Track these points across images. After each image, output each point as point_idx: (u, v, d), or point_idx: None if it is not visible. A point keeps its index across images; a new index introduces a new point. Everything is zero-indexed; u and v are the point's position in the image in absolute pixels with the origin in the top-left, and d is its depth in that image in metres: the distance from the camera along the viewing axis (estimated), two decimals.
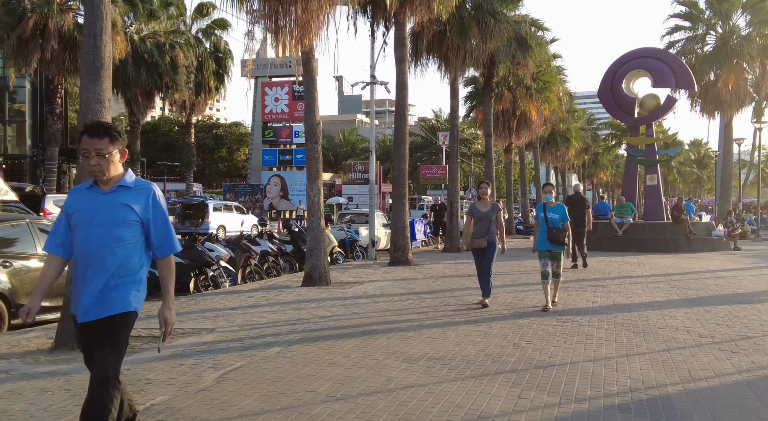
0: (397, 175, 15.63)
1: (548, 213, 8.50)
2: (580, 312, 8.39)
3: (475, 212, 8.76)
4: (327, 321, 7.58)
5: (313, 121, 11.14)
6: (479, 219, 8.68)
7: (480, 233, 8.63)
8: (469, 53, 19.47)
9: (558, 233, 8.42)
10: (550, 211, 8.53)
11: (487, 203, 8.84)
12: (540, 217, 8.61)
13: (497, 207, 8.83)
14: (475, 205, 8.92)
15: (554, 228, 8.44)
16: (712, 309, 8.70)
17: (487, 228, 8.61)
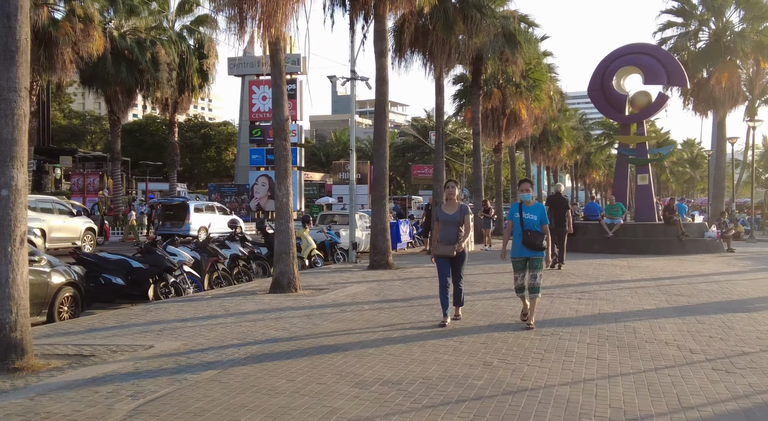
0: (377, 175, 14.95)
1: (525, 214, 7.43)
2: (561, 323, 7.73)
3: (441, 216, 7.70)
4: (283, 335, 6.88)
5: (281, 117, 10.44)
6: (446, 223, 7.61)
7: (448, 239, 7.55)
8: (455, 48, 18.81)
9: (535, 237, 7.33)
10: (527, 211, 7.47)
11: (454, 205, 7.75)
12: (514, 218, 7.51)
13: (466, 209, 7.71)
14: (441, 208, 7.85)
15: (530, 231, 7.36)
16: (704, 319, 8.06)
17: (456, 233, 7.55)
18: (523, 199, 7.61)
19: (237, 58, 46.30)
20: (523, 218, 7.41)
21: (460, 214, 7.60)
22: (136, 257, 10.65)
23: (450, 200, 7.82)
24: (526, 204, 7.55)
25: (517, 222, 7.48)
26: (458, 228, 7.53)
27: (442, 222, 7.65)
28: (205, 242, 12.10)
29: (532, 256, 7.43)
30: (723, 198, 28.87)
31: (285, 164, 10.48)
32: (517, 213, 7.51)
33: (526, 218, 7.41)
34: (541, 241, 7.36)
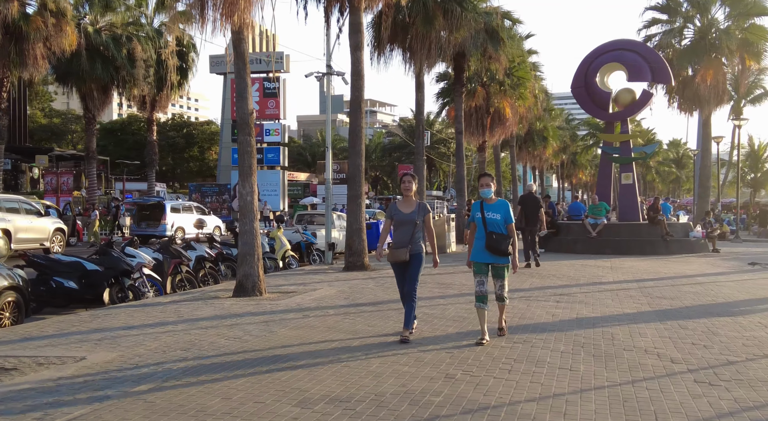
0: (352, 173, 14.42)
1: (487, 213, 6.52)
2: (536, 328, 7.24)
3: (396, 214, 6.71)
4: (233, 345, 6.33)
5: (245, 110, 9.88)
6: (400, 223, 6.65)
7: (401, 242, 6.60)
8: (435, 43, 18.35)
9: (500, 240, 6.41)
10: (490, 210, 6.55)
11: (411, 202, 6.75)
12: (476, 218, 6.60)
13: (425, 208, 6.74)
14: (395, 206, 6.81)
15: (494, 233, 6.44)
16: (687, 324, 7.60)
17: (411, 235, 6.56)
18: (484, 197, 6.67)
19: (219, 55, 45.55)
20: (486, 218, 6.50)
21: (418, 213, 6.66)
22: (92, 258, 10.06)
23: (407, 197, 6.78)
24: (487, 202, 6.64)
25: (479, 223, 6.57)
26: (414, 229, 6.58)
27: (396, 222, 6.70)
28: (167, 243, 11.50)
29: (495, 262, 6.50)
30: (708, 198, 28.59)
31: (249, 161, 9.92)
32: (478, 213, 6.59)
33: (489, 217, 6.49)
34: (506, 245, 6.42)
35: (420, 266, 6.70)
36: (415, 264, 6.66)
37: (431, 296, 9.82)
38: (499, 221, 6.53)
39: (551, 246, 19.23)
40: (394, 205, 6.92)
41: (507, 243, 6.45)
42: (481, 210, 6.61)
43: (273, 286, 10.98)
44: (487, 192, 6.66)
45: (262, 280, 9.98)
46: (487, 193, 6.65)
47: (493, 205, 6.64)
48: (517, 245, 6.64)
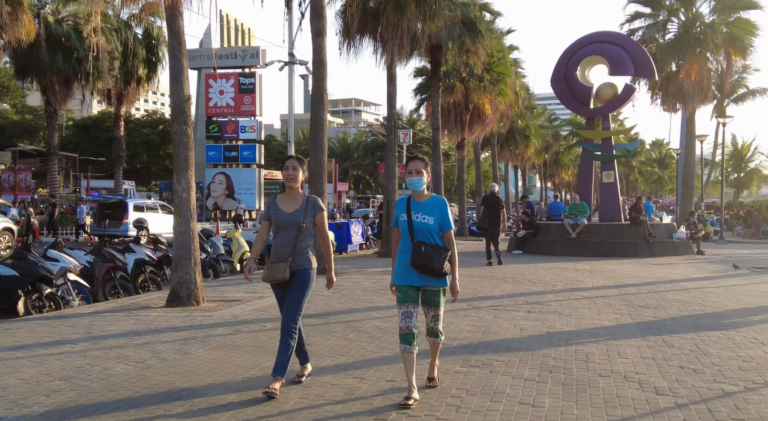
0: (313, 170, 13.33)
1: (415, 214, 4.56)
2: (500, 346, 6.22)
3: (275, 214, 4.78)
4: (127, 374, 5.24)
5: (181, 96, 8.78)
6: (280, 227, 4.74)
7: (280, 253, 4.70)
8: (407, 33, 17.26)
9: (431, 254, 4.46)
10: (420, 210, 4.57)
11: (297, 197, 4.80)
12: (400, 222, 4.66)
13: (316, 204, 4.82)
14: (274, 202, 4.86)
15: (424, 244, 4.50)
16: (673, 339, 6.63)
17: (293, 243, 4.69)
18: (413, 191, 4.64)
19: (192, 50, 44.20)
20: (413, 222, 4.54)
21: (305, 212, 4.72)
22: (6, 263, 8.91)
23: (291, 189, 4.80)
24: (416, 198, 4.64)
25: (404, 229, 4.61)
26: (299, 235, 4.69)
27: (275, 225, 4.76)
28: (99, 246, 10.35)
29: (425, 285, 4.56)
30: (692, 198, 27.85)
31: (185, 153, 8.82)
32: (403, 214, 4.61)
33: (418, 221, 4.54)
34: (440, 261, 4.45)
35: (306, 287, 4.72)
36: (298, 285, 4.68)
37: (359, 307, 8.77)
38: (432, 227, 4.53)
39: (529, 248, 18.33)
40: (272, 201, 4.88)
41: (442, 258, 4.46)
42: (407, 210, 4.59)
43: (217, 293, 9.91)
44: (417, 183, 4.56)
45: (200, 287, 8.88)
46: (416, 185, 4.57)
47: (425, 204, 4.59)
48: (457, 260, 4.62)
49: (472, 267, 14.31)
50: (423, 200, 4.64)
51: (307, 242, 4.77)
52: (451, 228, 4.62)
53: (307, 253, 4.75)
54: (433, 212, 4.58)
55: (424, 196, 4.65)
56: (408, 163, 4.68)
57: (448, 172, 59.30)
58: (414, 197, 4.67)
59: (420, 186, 4.60)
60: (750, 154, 41.94)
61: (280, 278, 4.66)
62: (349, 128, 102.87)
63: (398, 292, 4.62)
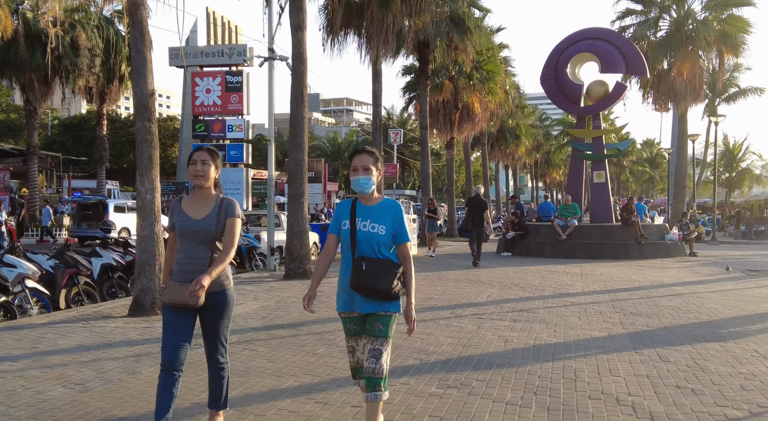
0: (293, 169, 12.81)
1: (361, 222, 3.62)
2: (481, 362, 5.71)
3: (180, 221, 3.78)
4: (60, 400, 4.66)
5: (144, 91, 8.23)
6: (187, 237, 3.76)
7: (189, 270, 3.71)
8: (393, 29, 16.79)
9: (376, 272, 3.52)
10: (366, 216, 3.63)
11: (207, 201, 3.82)
12: (342, 230, 3.69)
13: (232, 207, 3.81)
14: (179, 206, 3.86)
15: (367, 260, 3.55)
16: (668, 353, 6.15)
17: (207, 257, 3.73)
18: (359, 192, 3.67)
19: (179, 47, 43.51)
20: (357, 231, 3.60)
21: (218, 218, 3.74)
22: None
23: (201, 190, 3.81)
24: (364, 201, 3.68)
25: (345, 240, 3.64)
26: (211, 244, 3.71)
27: (180, 234, 3.77)
28: (62, 250, 9.76)
29: (370, 311, 3.58)
30: (684, 198, 27.47)
31: (149, 151, 8.26)
32: (345, 219, 3.66)
33: (364, 230, 3.58)
34: (389, 279, 3.50)
35: (226, 311, 3.83)
36: (217, 310, 3.78)
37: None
38: (383, 239, 3.57)
39: (518, 249, 17.87)
40: (177, 204, 3.88)
41: (390, 277, 3.51)
42: (351, 216, 3.64)
43: None
44: (364, 183, 3.61)
45: None
46: (363, 186, 3.61)
47: (375, 210, 3.64)
48: (413, 280, 3.66)
49: (458, 270, 13.83)
50: (372, 204, 3.65)
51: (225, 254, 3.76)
52: (407, 240, 3.65)
53: (224, 270, 3.79)
54: (385, 218, 3.59)
55: (373, 199, 3.67)
56: (353, 158, 3.67)
57: (439, 172, 58.88)
58: (361, 200, 3.68)
59: (368, 187, 3.61)
60: (742, 153, 41.72)
61: (188, 302, 3.59)
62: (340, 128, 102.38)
63: (343, 323, 3.72)
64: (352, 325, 3.71)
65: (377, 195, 3.73)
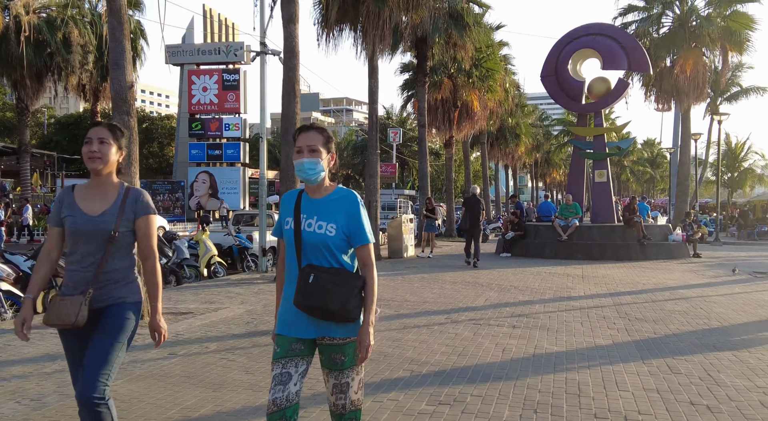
0: (285, 167, 12.33)
1: (306, 219, 2.79)
2: (476, 374, 5.27)
3: (70, 216, 2.97)
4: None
5: (123, 83, 7.78)
6: (79, 236, 2.94)
7: (77, 280, 2.95)
8: (390, 24, 16.30)
9: (328, 286, 2.68)
10: (313, 212, 2.80)
11: (107, 191, 3.03)
12: (285, 230, 2.85)
13: (141, 202, 3.04)
14: (70, 195, 3.04)
15: (315, 268, 2.73)
16: (678, 364, 5.71)
17: (98, 263, 2.94)
18: (304, 180, 2.85)
19: (175, 45, 43.11)
20: (303, 231, 2.78)
21: (120, 213, 2.98)
22: None
23: (98, 177, 3.04)
24: (310, 193, 2.86)
25: (289, 241, 2.83)
26: (109, 248, 2.95)
27: (69, 233, 2.97)
28: (39, 251, 9.31)
29: (324, 335, 2.79)
30: (687, 198, 27.02)
31: (128, 147, 7.78)
32: (289, 216, 2.85)
33: (309, 230, 2.78)
34: (344, 296, 2.70)
35: (119, 333, 2.93)
36: (105, 330, 2.91)
37: None
38: (333, 241, 2.76)
39: (518, 250, 17.44)
40: (66, 194, 3.05)
41: (346, 292, 2.70)
42: (294, 211, 2.83)
43: (171, 303, 8.91)
44: (309, 167, 2.77)
45: (145, 299, 7.85)
46: (308, 171, 2.77)
47: (323, 203, 2.82)
48: (374, 294, 2.77)
49: (456, 271, 13.41)
50: (320, 197, 2.81)
51: (124, 260, 3.00)
52: (368, 241, 2.78)
53: (124, 278, 2.98)
54: (335, 214, 2.76)
55: (323, 189, 2.83)
56: (298, 137, 2.82)
57: (439, 172, 58.45)
58: (307, 192, 2.84)
59: (314, 174, 2.75)
60: (744, 153, 41.27)
61: (70, 321, 2.83)
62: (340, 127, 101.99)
63: (277, 345, 2.76)
64: (287, 347, 2.74)
65: (329, 184, 2.86)
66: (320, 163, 2.78)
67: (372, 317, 2.75)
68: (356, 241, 2.80)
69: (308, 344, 2.79)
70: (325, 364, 2.81)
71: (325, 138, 2.85)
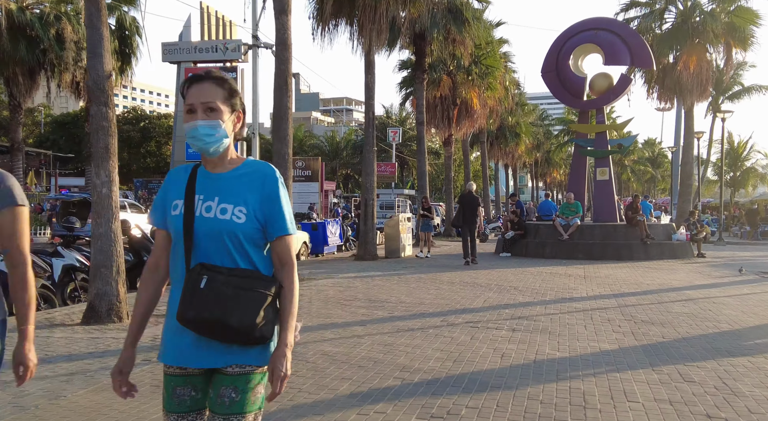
0: (276, 164, 11.93)
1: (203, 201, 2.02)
2: (472, 383, 4.86)
3: None
4: None
5: (101, 72, 7.37)
6: None
7: None
8: (386, 18, 15.89)
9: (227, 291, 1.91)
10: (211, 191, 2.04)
11: None
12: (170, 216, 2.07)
13: (6, 188, 2.26)
14: None
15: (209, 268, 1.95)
16: (691, 371, 5.29)
17: None
18: (201, 150, 2.03)
19: (172, 43, 42.65)
20: (198, 218, 2.00)
21: None
22: None
23: None
24: (210, 167, 2.09)
25: (176, 230, 2.04)
26: None
27: None
28: None
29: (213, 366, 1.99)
30: (690, 197, 26.58)
31: (106, 140, 7.39)
32: (178, 198, 2.07)
33: (207, 216, 2.00)
34: (251, 306, 1.92)
35: None
36: None
37: (351, 321, 7.41)
38: (240, 229, 1.99)
39: (517, 250, 17.04)
40: None
41: (254, 301, 1.93)
42: (186, 191, 2.06)
43: None
44: (207, 134, 2.00)
45: (124, 300, 7.48)
46: (203, 137, 2.00)
47: (227, 180, 2.06)
48: (295, 305, 2.00)
49: (454, 271, 13.00)
50: (224, 171, 2.07)
51: None
52: (287, 232, 2.05)
53: None
54: (246, 194, 2.02)
55: (226, 161, 2.08)
56: (188, 91, 2.02)
57: (438, 172, 58.05)
58: (205, 165, 2.10)
59: (214, 141, 2.00)
60: (746, 152, 40.86)
61: None
62: (339, 127, 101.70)
63: (165, 385, 2.07)
64: (185, 389, 2.02)
65: (235, 155, 2.11)
66: (221, 126, 2.00)
67: (290, 337, 1.97)
68: (273, 230, 2.03)
69: (203, 382, 2.02)
70: (212, 405, 1.98)
71: (228, 91, 2.05)
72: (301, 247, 16.86)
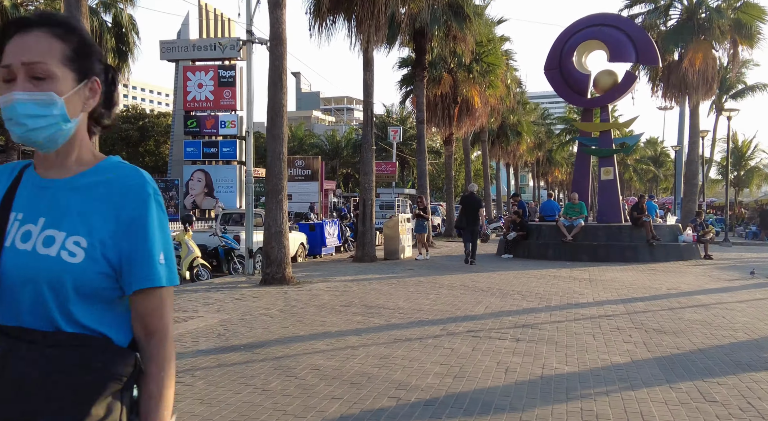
0: (270, 162, 11.56)
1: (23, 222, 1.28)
2: (475, 403, 4.44)
3: None
4: None
5: None
6: None
7: None
8: (385, 13, 15.45)
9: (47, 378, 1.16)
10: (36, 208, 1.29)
11: None
12: None
13: None
14: None
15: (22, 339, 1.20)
16: (711, 388, 4.88)
17: None
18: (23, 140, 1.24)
19: (170, 41, 42.32)
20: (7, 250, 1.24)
21: None
22: None
23: None
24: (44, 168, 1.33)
25: None
26: None
27: None
28: None
29: None
30: (695, 197, 26.14)
31: None
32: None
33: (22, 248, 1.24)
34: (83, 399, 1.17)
35: None
36: None
37: (346, 329, 6.99)
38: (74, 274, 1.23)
39: (520, 251, 16.62)
40: None
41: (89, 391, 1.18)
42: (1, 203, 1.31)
43: None
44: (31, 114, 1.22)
45: None
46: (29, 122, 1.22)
47: (68, 190, 1.29)
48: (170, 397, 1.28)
49: (455, 274, 12.58)
50: (63, 176, 1.32)
51: None
52: (158, 283, 1.29)
53: None
54: (93, 217, 1.27)
55: (71, 162, 1.33)
56: (6, 46, 1.24)
57: (439, 171, 57.64)
58: (37, 166, 1.35)
59: (41, 127, 1.24)
60: (750, 151, 40.41)
61: None
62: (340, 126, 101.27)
63: None
64: None
65: (89, 153, 1.37)
66: (57, 103, 1.25)
67: (165, 395, 1.29)
68: (134, 279, 1.28)
69: None
70: None
71: (75, 45, 1.29)
72: (298, 248, 16.47)
